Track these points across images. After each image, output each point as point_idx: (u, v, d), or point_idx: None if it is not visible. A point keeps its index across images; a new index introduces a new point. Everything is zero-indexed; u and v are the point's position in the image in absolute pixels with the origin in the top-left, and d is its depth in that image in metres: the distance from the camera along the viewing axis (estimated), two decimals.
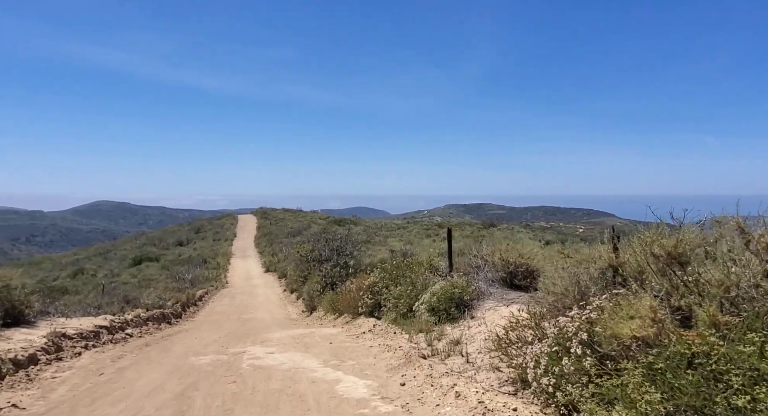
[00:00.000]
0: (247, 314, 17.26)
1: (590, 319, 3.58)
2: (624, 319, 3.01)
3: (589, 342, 3.41)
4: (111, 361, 6.96)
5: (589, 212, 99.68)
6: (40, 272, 47.39)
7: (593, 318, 3.56)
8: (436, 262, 10.37)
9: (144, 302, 14.11)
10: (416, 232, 38.59)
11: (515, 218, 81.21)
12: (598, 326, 3.39)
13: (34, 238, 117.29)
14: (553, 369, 3.53)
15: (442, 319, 7.45)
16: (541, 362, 3.72)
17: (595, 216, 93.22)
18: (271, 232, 46.42)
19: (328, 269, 17.39)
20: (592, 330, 3.44)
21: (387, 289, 10.00)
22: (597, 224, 77.74)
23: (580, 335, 3.45)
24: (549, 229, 48.38)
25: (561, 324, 3.85)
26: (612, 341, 3.12)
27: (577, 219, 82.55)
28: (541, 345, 3.88)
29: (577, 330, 3.53)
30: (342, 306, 11.47)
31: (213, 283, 26.36)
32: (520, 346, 4.41)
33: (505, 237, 34.40)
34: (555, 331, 3.90)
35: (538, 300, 5.13)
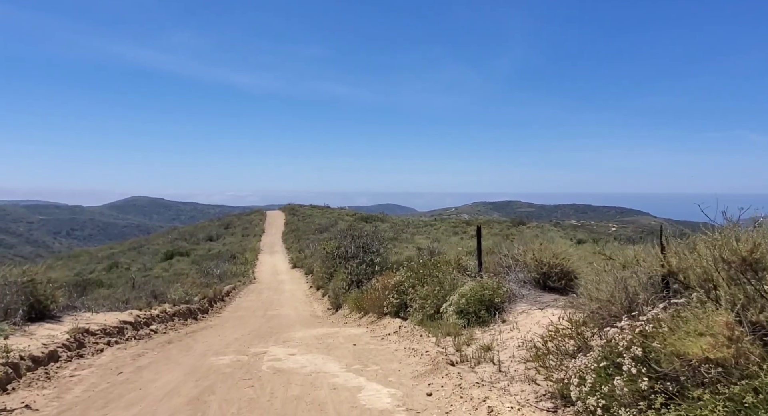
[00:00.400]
0: (272, 310, 17.16)
1: (645, 332, 3.12)
2: (690, 335, 2.56)
3: (644, 359, 2.96)
4: (131, 359, 6.81)
5: (622, 210, 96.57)
6: (78, 265, 48.82)
7: (648, 331, 3.10)
8: (465, 261, 9.93)
9: (171, 297, 14.11)
10: (443, 230, 38.04)
11: (545, 216, 79.51)
12: (656, 341, 2.94)
13: (74, 232, 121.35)
14: (602, 388, 3.09)
15: (472, 322, 7.03)
16: (586, 378, 3.29)
17: (628, 214, 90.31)
18: (299, 228, 46.57)
19: (353, 266, 17.11)
20: (647, 346, 2.99)
21: (413, 289, 9.62)
22: (630, 223, 75.49)
23: (633, 350, 3.01)
24: (580, 228, 47.07)
25: (609, 336, 3.41)
26: (674, 360, 2.67)
27: (610, 218, 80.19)
28: (585, 359, 3.44)
29: (629, 345, 3.09)
30: (367, 306, 11.16)
31: (240, 279, 26.49)
32: (560, 358, 3.97)
33: (535, 236, 33.52)
34: (602, 343, 3.46)
35: (579, 306, 4.67)
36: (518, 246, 10.01)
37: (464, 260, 9.97)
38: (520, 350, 5.45)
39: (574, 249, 9.09)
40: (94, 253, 54.96)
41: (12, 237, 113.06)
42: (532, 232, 37.16)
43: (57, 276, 39.51)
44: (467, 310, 7.13)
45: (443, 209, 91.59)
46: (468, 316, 7.11)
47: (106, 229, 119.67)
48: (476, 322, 6.98)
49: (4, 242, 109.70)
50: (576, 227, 53.96)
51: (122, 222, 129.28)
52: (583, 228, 48.22)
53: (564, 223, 55.29)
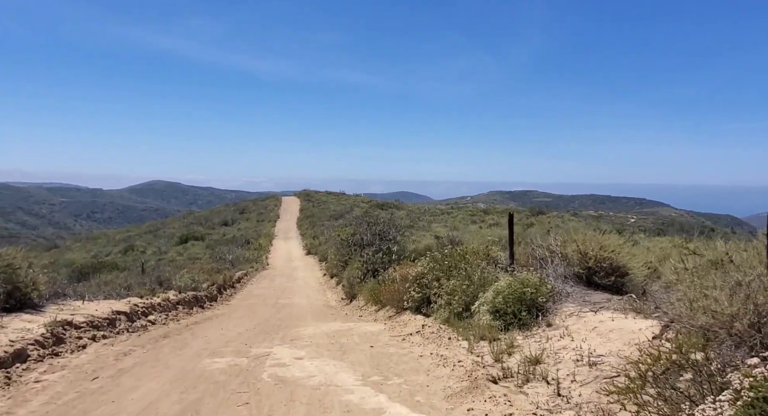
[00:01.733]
0: (284, 299, 16.23)
1: None
2: None
3: None
4: (114, 359, 5.82)
5: (642, 201, 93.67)
6: (95, 247, 48.67)
7: None
8: (495, 252, 8.76)
9: (176, 284, 13.19)
10: (461, 218, 36.81)
11: (562, 206, 77.55)
12: None
13: (94, 215, 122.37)
14: None
15: (510, 325, 5.91)
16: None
17: (647, 205, 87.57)
18: (314, 215, 45.73)
19: (369, 255, 16.04)
20: None
21: (437, 282, 8.50)
22: (650, 214, 73.29)
23: None
24: (598, 218, 45.37)
25: (755, 373, 2.27)
26: None
27: (629, 209, 77.90)
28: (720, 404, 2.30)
29: None
30: (385, 298, 10.08)
31: (254, 264, 25.65)
32: (661, 390, 2.84)
33: (555, 226, 32.14)
34: (743, 381, 2.32)
35: (678, 320, 3.49)
36: (554, 237, 8.83)
37: (494, 251, 8.81)
38: (580, 366, 4.32)
39: (622, 242, 7.86)
40: (112, 236, 54.88)
41: (35, 219, 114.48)
42: (552, 222, 35.77)
43: (74, 258, 39.29)
44: (504, 310, 6.00)
45: (459, 198, 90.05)
46: (505, 317, 5.98)
47: (125, 212, 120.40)
48: (516, 325, 5.85)
49: (28, 223, 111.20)
50: (594, 218, 52.31)
51: (141, 206, 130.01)
52: (603, 219, 46.54)
53: (581, 214, 53.62)
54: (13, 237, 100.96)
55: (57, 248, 56.27)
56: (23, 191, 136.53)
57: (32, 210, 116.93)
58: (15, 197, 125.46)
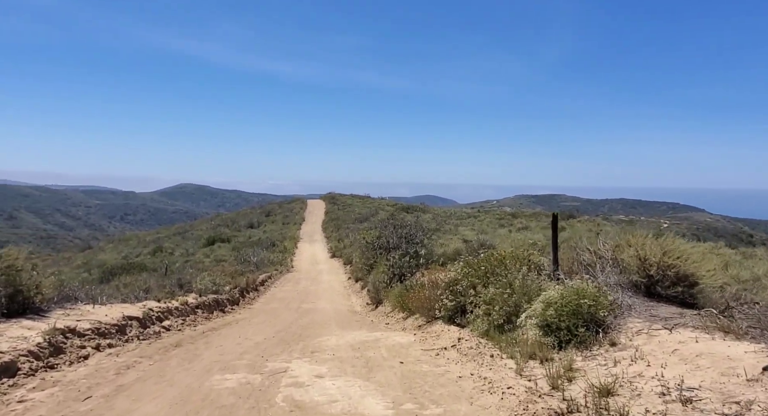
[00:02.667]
0: (308, 303, 15.57)
1: None
2: None
3: None
4: (115, 373, 5.16)
5: (675, 206, 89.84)
6: (126, 248, 49.23)
7: None
8: (536, 257, 7.84)
9: (196, 287, 12.64)
10: (488, 222, 35.64)
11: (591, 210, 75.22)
12: None
13: (127, 217, 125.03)
14: None
15: (565, 342, 5.02)
16: None
17: (681, 210, 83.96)
18: (339, 217, 45.21)
19: (396, 258, 15.23)
20: None
21: (473, 290, 7.64)
22: (684, 219, 70.43)
23: None
24: (632, 223, 43.52)
25: None
26: None
27: (661, 214, 74.97)
28: None
29: None
30: (414, 305, 9.24)
31: (278, 267, 25.14)
32: None
33: (589, 230, 30.71)
34: None
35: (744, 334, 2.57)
36: (603, 241, 7.87)
37: (535, 256, 7.88)
38: (670, 402, 3.40)
39: (690, 247, 6.85)
40: (142, 237, 55.55)
41: (72, 221, 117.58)
42: (585, 227, 34.31)
43: (106, 258, 39.65)
44: (557, 325, 5.11)
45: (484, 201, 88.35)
46: (558, 333, 5.09)
47: (156, 214, 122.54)
48: (572, 343, 4.95)
49: (65, 225, 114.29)
50: (628, 222, 50.35)
51: (171, 208, 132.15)
52: (637, 224, 44.65)
53: (612, 218, 51.70)
54: (51, 238, 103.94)
55: (90, 249, 57.31)
56: (61, 194, 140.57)
57: (69, 212, 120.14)
58: (53, 199, 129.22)
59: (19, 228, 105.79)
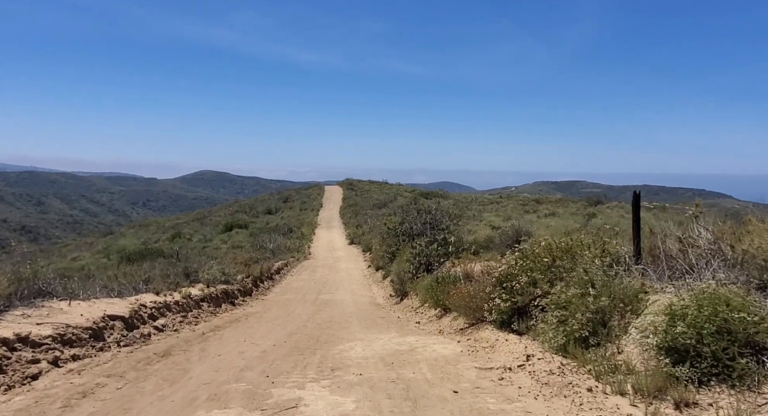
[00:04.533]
0: (325, 293, 14.07)
1: None
2: None
3: None
4: (61, 407, 3.65)
5: (701, 192, 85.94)
6: (146, 234, 48.57)
7: None
8: (613, 247, 6.09)
9: (204, 277, 11.18)
10: (512, 208, 33.71)
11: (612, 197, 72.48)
12: None
13: (150, 203, 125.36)
14: None
15: (709, 375, 3.33)
16: None
17: (707, 196, 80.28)
18: (357, 203, 43.73)
19: (422, 246, 13.57)
20: None
21: (533, 287, 5.97)
22: (711, 206, 67.21)
23: None
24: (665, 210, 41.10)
25: None
26: None
27: (686, 200, 71.92)
28: None
29: None
30: (453, 302, 7.59)
31: (295, 254, 23.73)
32: None
33: (619, 216, 28.63)
34: None
35: None
36: (704, 226, 6.11)
37: (610, 245, 6.13)
38: None
39: None
40: (162, 223, 54.94)
41: (96, 207, 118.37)
42: (615, 213, 32.21)
43: (126, 244, 38.88)
44: (695, 349, 3.42)
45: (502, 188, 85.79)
46: (697, 362, 3.40)
47: (178, 201, 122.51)
48: (722, 377, 3.27)
49: (90, 211, 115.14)
50: (649, 209, 47.79)
51: (192, 195, 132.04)
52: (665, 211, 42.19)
53: (627, 206, 49.27)
54: (77, 224, 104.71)
55: (112, 234, 56.93)
56: (86, 180, 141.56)
57: (94, 198, 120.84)
58: (79, 186, 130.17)
59: (47, 213, 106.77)
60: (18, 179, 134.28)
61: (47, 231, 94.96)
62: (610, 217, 26.93)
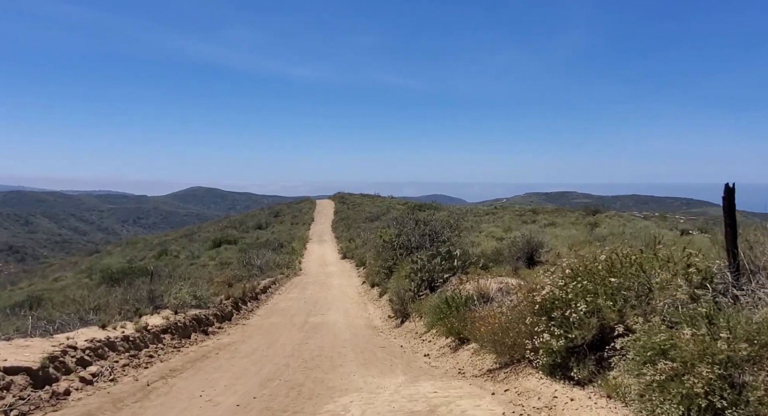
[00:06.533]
0: (316, 315, 12.22)
1: None
2: None
3: None
4: None
5: (689, 201, 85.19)
6: (133, 252, 46.32)
7: None
8: (702, 262, 4.40)
9: (170, 301, 9.30)
10: (509, 218, 32.08)
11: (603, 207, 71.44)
12: None
13: (140, 220, 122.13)
14: None
15: None
16: None
17: (695, 205, 79.50)
18: (349, 217, 41.98)
19: (424, 260, 11.79)
20: None
21: (593, 316, 4.25)
22: (699, 214, 66.63)
23: None
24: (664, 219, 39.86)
25: None
26: None
27: (675, 209, 71.12)
28: None
29: None
30: (477, 334, 5.80)
31: (284, 270, 21.80)
32: None
33: (621, 225, 27.09)
34: None
35: None
36: None
37: (699, 259, 4.43)
38: None
39: None
40: (150, 240, 52.77)
41: (86, 225, 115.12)
42: (616, 222, 30.66)
43: (110, 263, 36.65)
44: None
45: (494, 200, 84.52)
46: None
47: (168, 218, 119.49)
48: None
49: (79, 229, 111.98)
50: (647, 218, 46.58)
51: (183, 211, 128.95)
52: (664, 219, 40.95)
53: (625, 215, 48.03)
54: (65, 243, 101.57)
55: (98, 253, 54.52)
56: (75, 199, 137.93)
57: (83, 216, 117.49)
58: (68, 204, 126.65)
59: (35, 233, 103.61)
60: (5, 199, 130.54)
61: (35, 251, 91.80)
62: (613, 226, 25.38)
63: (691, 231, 24.68)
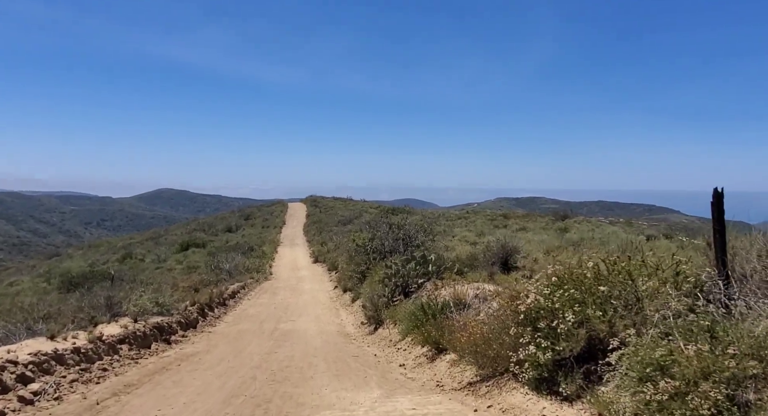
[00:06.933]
0: (286, 321, 11.74)
1: None
2: None
3: None
4: None
5: (651, 208, 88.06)
6: (95, 255, 44.32)
7: None
8: (691, 270, 4.23)
9: (130, 309, 8.67)
10: (481, 222, 32.19)
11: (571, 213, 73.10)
12: None
13: (104, 223, 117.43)
14: None
15: None
16: None
17: (657, 211, 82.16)
18: (321, 220, 41.37)
19: (398, 265, 11.48)
20: None
21: (581, 326, 4.00)
22: (661, 220, 68.93)
23: None
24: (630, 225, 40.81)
25: None
26: None
27: (638, 215, 73.33)
28: None
29: None
30: (457, 344, 5.49)
31: (254, 275, 21.11)
32: None
33: (590, 230, 27.46)
34: None
35: None
36: None
37: (687, 266, 4.26)
38: None
39: None
40: (113, 243, 50.74)
41: (46, 227, 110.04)
42: (585, 227, 31.02)
43: (71, 266, 34.91)
44: None
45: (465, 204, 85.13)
46: None
47: (134, 220, 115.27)
48: None
49: (39, 231, 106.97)
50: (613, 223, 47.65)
51: (150, 214, 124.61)
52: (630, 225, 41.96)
53: (593, 221, 49.12)
54: (23, 245, 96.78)
55: (59, 256, 52.07)
56: (34, 200, 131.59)
57: (43, 218, 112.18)
58: (26, 206, 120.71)
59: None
60: None
61: None
62: (583, 231, 25.69)
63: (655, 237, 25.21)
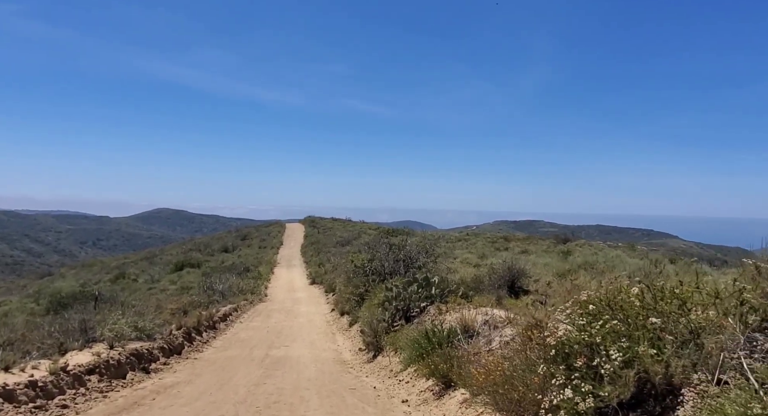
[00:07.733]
0: (279, 346, 10.92)
1: None
2: None
3: None
4: None
5: (649, 232, 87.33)
6: (88, 275, 43.24)
7: None
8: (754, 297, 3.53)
9: (106, 334, 7.86)
10: (482, 245, 31.46)
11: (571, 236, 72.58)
12: None
13: (100, 242, 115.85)
14: None
15: None
16: None
17: (655, 236, 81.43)
18: (319, 241, 40.60)
19: (399, 288, 10.72)
20: None
21: (628, 367, 3.28)
22: (659, 245, 68.28)
23: None
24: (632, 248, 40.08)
25: None
26: None
27: (636, 240, 72.78)
28: None
29: None
30: (473, 382, 4.72)
31: (248, 296, 20.25)
32: None
33: (593, 254, 26.69)
34: None
35: None
36: None
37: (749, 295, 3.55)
38: None
39: None
40: (107, 263, 49.70)
41: (40, 247, 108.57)
42: (587, 251, 30.20)
43: (62, 286, 33.82)
44: None
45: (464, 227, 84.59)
46: None
47: (131, 240, 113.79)
48: None
49: (33, 251, 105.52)
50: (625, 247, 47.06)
51: (146, 234, 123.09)
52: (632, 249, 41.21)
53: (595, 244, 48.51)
54: (17, 265, 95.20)
55: (51, 276, 50.92)
56: (30, 219, 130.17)
57: (38, 237, 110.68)
58: (22, 225, 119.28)
59: None
60: None
61: None
62: (586, 255, 24.93)
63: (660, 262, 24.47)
